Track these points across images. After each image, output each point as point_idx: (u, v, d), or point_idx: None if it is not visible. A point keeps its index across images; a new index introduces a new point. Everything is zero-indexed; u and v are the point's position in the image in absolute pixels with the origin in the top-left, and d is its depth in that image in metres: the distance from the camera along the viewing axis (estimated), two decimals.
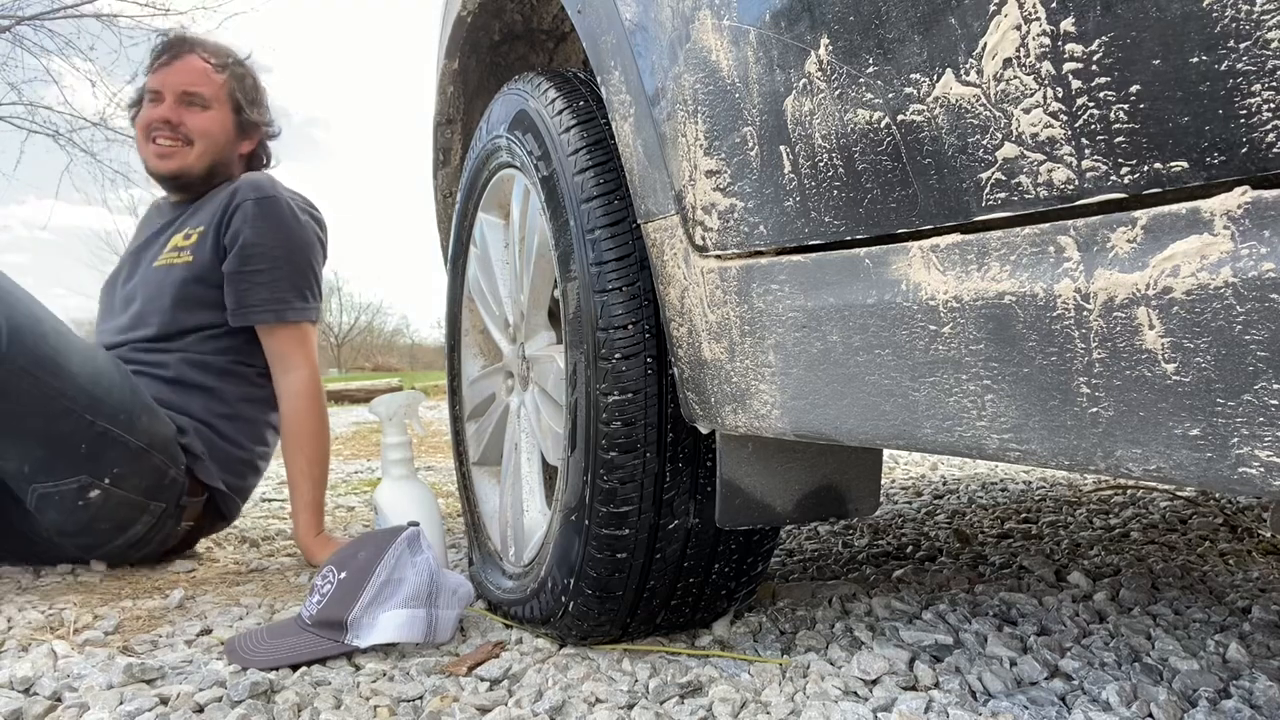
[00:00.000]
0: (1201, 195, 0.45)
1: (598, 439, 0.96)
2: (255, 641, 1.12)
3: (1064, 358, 0.51)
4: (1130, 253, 0.47)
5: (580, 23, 1.02)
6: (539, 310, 1.22)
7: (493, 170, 1.28)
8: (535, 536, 1.17)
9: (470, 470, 1.44)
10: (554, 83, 1.11)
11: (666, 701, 0.93)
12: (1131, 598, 1.22)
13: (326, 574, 1.16)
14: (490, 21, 1.46)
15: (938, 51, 0.56)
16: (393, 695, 0.97)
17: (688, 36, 0.81)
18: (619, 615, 1.04)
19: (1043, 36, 0.49)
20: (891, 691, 0.93)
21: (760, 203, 0.75)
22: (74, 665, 1.09)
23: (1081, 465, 0.51)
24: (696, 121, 0.81)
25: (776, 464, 0.93)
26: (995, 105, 0.53)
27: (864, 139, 0.63)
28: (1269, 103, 0.41)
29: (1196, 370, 0.45)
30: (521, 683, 1.00)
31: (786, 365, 0.74)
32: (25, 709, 0.94)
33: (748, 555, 1.07)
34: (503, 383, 1.36)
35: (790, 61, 0.68)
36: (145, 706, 0.93)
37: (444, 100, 1.62)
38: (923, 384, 0.61)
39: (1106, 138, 0.48)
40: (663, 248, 0.90)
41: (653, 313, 0.96)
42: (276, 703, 0.95)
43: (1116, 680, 0.93)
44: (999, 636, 1.06)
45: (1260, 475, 0.43)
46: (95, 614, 1.34)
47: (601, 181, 0.99)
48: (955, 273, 0.58)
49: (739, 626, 1.14)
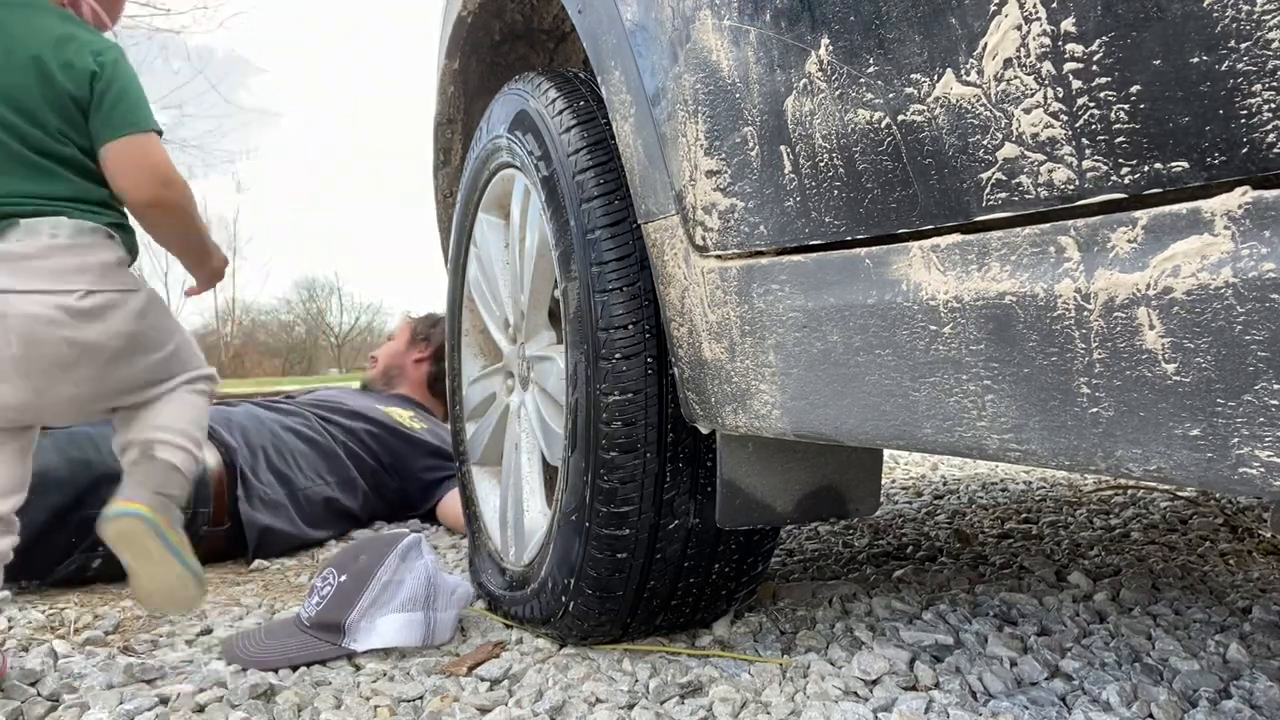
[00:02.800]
0: (1202, 195, 0.44)
1: (598, 439, 0.96)
2: (253, 642, 1.12)
3: (1064, 358, 0.51)
4: (1131, 253, 0.47)
5: (581, 23, 1.02)
6: (539, 310, 1.22)
7: (493, 170, 1.28)
8: (535, 536, 1.17)
9: (470, 470, 1.44)
10: (554, 83, 1.11)
11: (667, 701, 0.93)
12: (1132, 598, 1.22)
13: (326, 576, 1.16)
14: (491, 21, 1.46)
15: (938, 51, 0.56)
16: (393, 695, 0.97)
17: (688, 36, 0.81)
18: (619, 615, 1.04)
19: (1043, 36, 0.49)
20: (892, 692, 0.93)
21: (761, 203, 0.75)
22: (74, 665, 1.09)
23: (1082, 465, 0.51)
24: (697, 121, 0.81)
25: (777, 464, 0.93)
26: (996, 105, 0.53)
27: (864, 139, 0.63)
28: (1269, 103, 0.41)
29: (1197, 370, 0.45)
30: (522, 683, 1.00)
31: (787, 365, 0.74)
32: (25, 709, 0.94)
33: (748, 555, 1.07)
34: (503, 383, 1.36)
35: (791, 61, 0.68)
36: (145, 706, 0.93)
37: (444, 100, 1.62)
38: (923, 384, 0.61)
39: (1107, 138, 0.48)
40: (663, 248, 0.90)
41: (653, 313, 0.96)
42: (277, 703, 0.95)
43: (1117, 680, 0.93)
44: (999, 637, 1.06)
45: (1260, 475, 0.43)
46: (95, 614, 1.34)
47: (602, 181, 0.99)
48: (956, 273, 0.58)
49: (739, 626, 1.14)
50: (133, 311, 1.06)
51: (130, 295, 1.07)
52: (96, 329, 1.03)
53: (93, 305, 1.02)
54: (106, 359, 1.04)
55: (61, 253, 1.02)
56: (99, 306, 1.03)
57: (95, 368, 1.04)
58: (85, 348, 1.02)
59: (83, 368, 1.03)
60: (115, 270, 1.06)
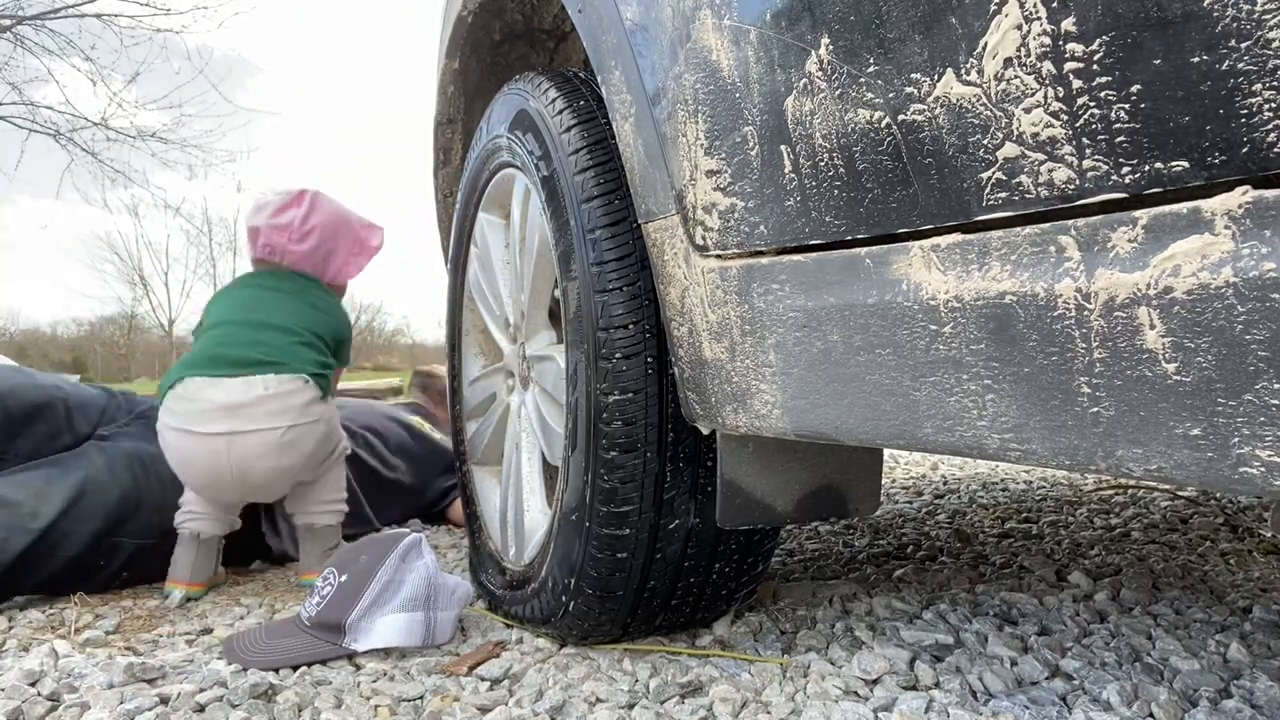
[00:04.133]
0: (1202, 195, 0.44)
1: (598, 439, 0.96)
2: (254, 641, 1.12)
3: (1065, 357, 0.51)
4: (1131, 252, 0.47)
5: (581, 22, 1.02)
6: (539, 310, 1.22)
7: (493, 170, 1.28)
8: (536, 536, 1.17)
9: (471, 470, 1.44)
10: (554, 82, 1.11)
11: (667, 701, 0.93)
12: (1132, 597, 1.22)
13: (327, 576, 1.17)
14: (491, 21, 1.46)
15: (938, 51, 0.56)
16: (393, 695, 0.97)
17: (688, 36, 0.81)
18: (619, 615, 1.04)
19: (1043, 36, 0.49)
20: (892, 691, 0.93)
21: (761, 202, 0.75)
22: (75, 665, 1.09)
23: (1082, 465, 0.51)
24: (697, 121, 0.81)
25: (777, 464, 0.93)
26: (996, 105, 0.53)
27: (865, 139, 0.63)
28: (1270, 102, 0.41)
29: (1197, 370, 0.45)
30: (522, 682, 1.00)
31: (787, 365, 0.74)
32: (26, 708, 0.94)
33: (748, 555, 1.07)
34: (503, 382, 1.36)
35: (791, 61, 0.68)
36: (146, 706, 0.93)
37: (444, 100, 1.62)
38: (923, 384, 0.61)
39: (1107, 137, 0.48)
40: (663, 247, 0.90)
41: (653, 312, 0.96)
42: (277, 702, 0.95)
43: (1117, 680, 0.93)
44: (1000, 636, 1.06)
45: (1261, 475, 0.43)
46: (96, 614, 1.34)
47: (602, 181, 0.99)
48: (956, 272, 0.58)
49: (739, 626, 1.14)
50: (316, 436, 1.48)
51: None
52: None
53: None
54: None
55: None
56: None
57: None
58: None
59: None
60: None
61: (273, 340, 1.48)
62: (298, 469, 1.47)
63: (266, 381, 1.41)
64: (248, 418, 1.39)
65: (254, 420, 1.39)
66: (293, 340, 1.49)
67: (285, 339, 1.49)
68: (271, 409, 1.41)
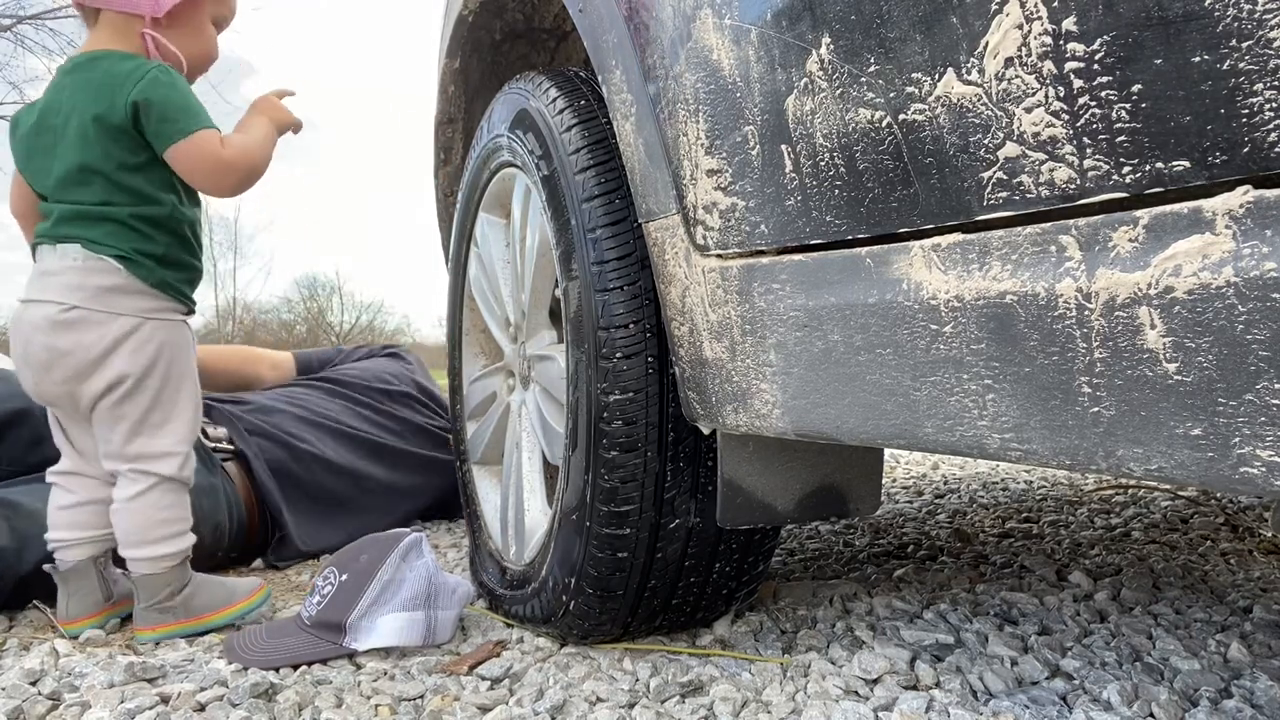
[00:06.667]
0: (1203, 195, 0.44)
1: (599, 438, 0.96)
2: (254, 640, 1.12)
3: (1065, 357, 0.51)
4: (1132, 252, 0.47)
5: (581, 22, 1.02)
6: (540, 309, 1.22)
7: (494, 169, 1.28)
8: (536, 535, 1.17)
9: (471, 469, 1.44)
10: (555, 82, 1.11)
11: (667, 701, 0.93)
12: (1133, 597, 1.22)
13: (328, 575, 1.17)
14: (491, 20, 1.46)
15: (939, 51, 0.56)
16: (394, 694, 0.97)
17: (689, 35, 0.81)
18: (620, 614, 1.04)
19: (1044, 36, 0.49)
20: (892, 691, 0.93)
21: (761, 202, 0.75)
22: (75, 664, 1.09)
23: (1083, 465, 0.51)
24: (698, 121, 0.81)
25: (778, 463, 0.93)
26: (997, 104, 0.53)
27: (865, 138, 0.63)
28: (1271, 102, 0.41)
29: (1198, 370, 0.45)
30: (522, 682, 1.00)
31: (788, 365, 0.74)
32: (26, 708, 0.94)
33: (749, 554, 1.07)
34: (504, 382, 1.36)
35: (792, 61, 0.68)
36: (146, 705, 0.93)
37: (445, 99, 1.62)
38: (924, 383, 0.61)
39: (1108, 137, 0.48)
40: (664, 247, 0.90)
41: (654, 312, 0.96)
42: (278, 702, 0.95)
43: (1118, 680, 0.93)
44: (1000, 636, 1.06)
45: (1262, 475, 0.43)
46: None
47: (603, 181, 0.99)
48: (957, 272, 0.58)
49: (740, 626, 1.14)
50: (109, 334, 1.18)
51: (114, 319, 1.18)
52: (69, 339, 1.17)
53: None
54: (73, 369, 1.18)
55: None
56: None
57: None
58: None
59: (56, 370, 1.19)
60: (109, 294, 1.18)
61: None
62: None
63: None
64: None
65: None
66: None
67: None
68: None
